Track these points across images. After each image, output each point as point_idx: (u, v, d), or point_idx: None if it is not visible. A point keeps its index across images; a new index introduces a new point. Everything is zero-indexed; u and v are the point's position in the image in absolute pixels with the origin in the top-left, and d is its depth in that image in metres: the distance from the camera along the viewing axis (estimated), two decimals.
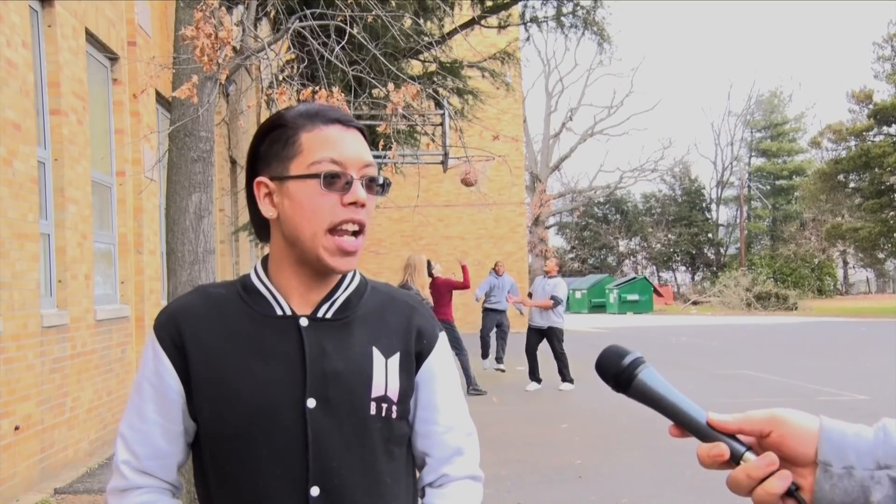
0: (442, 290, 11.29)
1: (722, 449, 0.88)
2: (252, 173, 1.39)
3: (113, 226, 8.21)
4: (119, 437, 1.40)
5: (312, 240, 1.31)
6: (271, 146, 1.36)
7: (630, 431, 8.15)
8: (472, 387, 11.00)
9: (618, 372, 0.95)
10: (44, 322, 6.20)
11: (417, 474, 1.49)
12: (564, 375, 11.44)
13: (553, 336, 11.42)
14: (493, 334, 13.28)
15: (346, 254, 1.33)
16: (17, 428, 5.68)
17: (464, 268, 11.38)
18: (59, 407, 6.51)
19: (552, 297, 11.29)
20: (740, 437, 0.90)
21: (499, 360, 13.10)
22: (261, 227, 1.42)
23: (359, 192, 1.32)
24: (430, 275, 11.43)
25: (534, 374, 11.62)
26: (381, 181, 1.37)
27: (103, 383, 7.55)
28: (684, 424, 0.92)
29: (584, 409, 9.78)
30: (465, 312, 27.74)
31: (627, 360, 0.95)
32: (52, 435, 6.33)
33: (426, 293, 8.81)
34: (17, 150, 5.80)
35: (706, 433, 0.90)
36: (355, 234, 1.34)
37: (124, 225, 8.26)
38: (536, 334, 11.56)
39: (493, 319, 13.08)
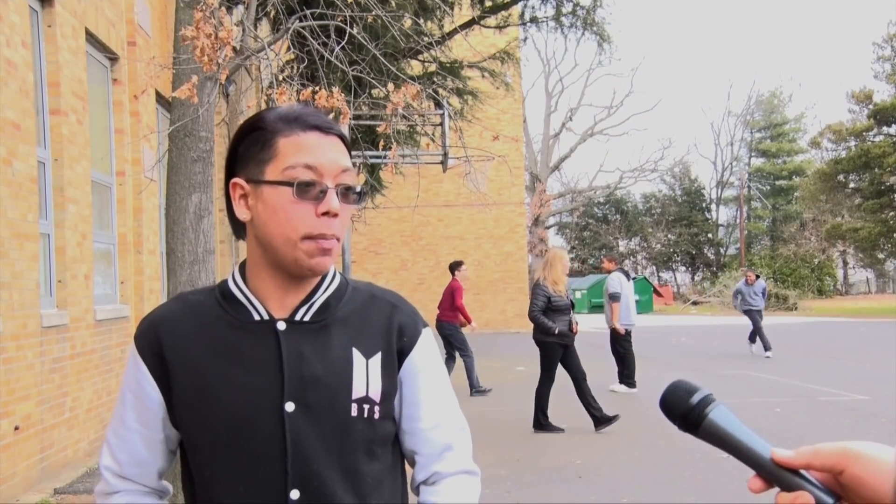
0: (447, 292, 11.34)
1: (808, 499, 0.79)
2: (230, 174, 1.39)
3: (113, 226, 8.21)
4: (105, 443, 1.44)
5: (286, 245, 1.31)
6: (249, 148, 1.35)
7: (630, 431, 8.15)
8: (474, 389, 10.99)
9: (686, 411, 0.88)
10: (43, 322, 6.20)
11: (409, 472, 1.49)
12: (622, 377, 11.06)
13: (611, 336, 11.13)
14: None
15: (323, 252, 1.31)
16: (16, 428, 5.68)
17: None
18: (59, 407, 6.51)
19: (609, 296, 11.05)
20: (813, 473, 0.82)
21: None
22: (238, 227, 1.41)
23: (332, 202, 1.30)
24: (452, 273, 11.46)
25: (620, 376, 11.21)
26: (357, 189, 1.35)
27: (103, 383, 7.55)
28: (760, 470, 0.84)
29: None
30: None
31: (696, 398, 0.88)
32: (51, 435, 6.33)
33: (559, 289, 8.23)
34: (17, 149, 5.80)
35: (788, 481, 0.82)
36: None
37: (124, 225, 8.26)
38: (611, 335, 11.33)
39: None
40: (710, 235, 59.22)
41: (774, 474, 0.83)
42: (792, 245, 51.82)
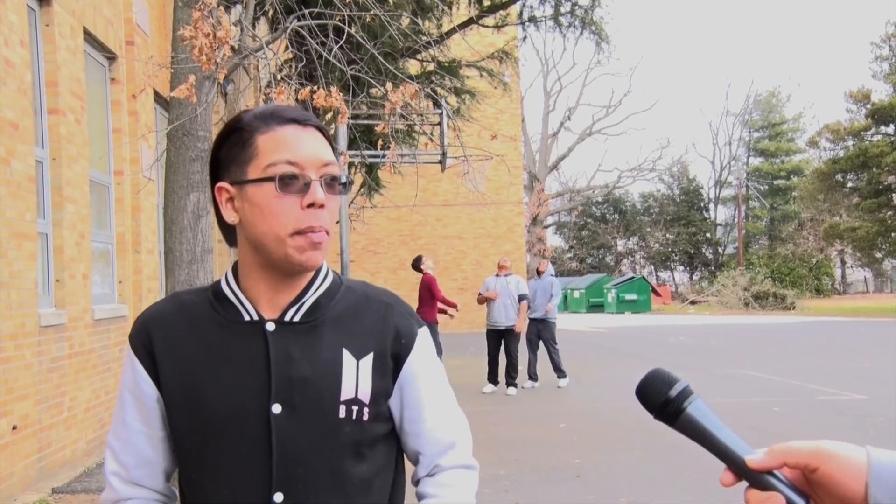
0: (423, 288, 11.02)
1: (779, 500, 0.81)
2: (214, 179, 1.37)
3: (111, 225, 8.21)
4: (107, 449, 1.43)
5: (275, 242, 1.29)
6: (229, 150, 1.34)
7: (629, 431, 8.15)
8: None
9: (664, 402, 0.87)
10: (42, 321, 6.19)
11: (407, 471, 1.48)
12: (511, 378, 11.16)
13: (510, 337, 11.25)
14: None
15: (313, 247, 1.30)
16: (14, 427, 5.67)
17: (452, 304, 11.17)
18: (57, 406, 6.50)
19: (519, 297, 11.16)
20: (784, 470, 0.83)
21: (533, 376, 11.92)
22: (228, 232, 1.40)
23: (317, 193, 1.28)
24: (419, 269, 11.27)
25: (491, 376, 11.37)
26: (342, 180, 1.34)
27: (101, 383, 7.54)
28: (734, 467, 0.84)
29: (583, 408, 9.78)
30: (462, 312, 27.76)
31: (675, 390, 0.87)
32: (49, 434, 6.33)
33: None
34: (15, 149, 5.79)
35: (760, 479, 0.82)
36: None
37: (122, 224, 8.25)
38: (495, 335, 11.34)
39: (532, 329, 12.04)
40: (708, 235, 59.27)
41: (746, 472, 0.83)
42: (790, 244, 51.89)
